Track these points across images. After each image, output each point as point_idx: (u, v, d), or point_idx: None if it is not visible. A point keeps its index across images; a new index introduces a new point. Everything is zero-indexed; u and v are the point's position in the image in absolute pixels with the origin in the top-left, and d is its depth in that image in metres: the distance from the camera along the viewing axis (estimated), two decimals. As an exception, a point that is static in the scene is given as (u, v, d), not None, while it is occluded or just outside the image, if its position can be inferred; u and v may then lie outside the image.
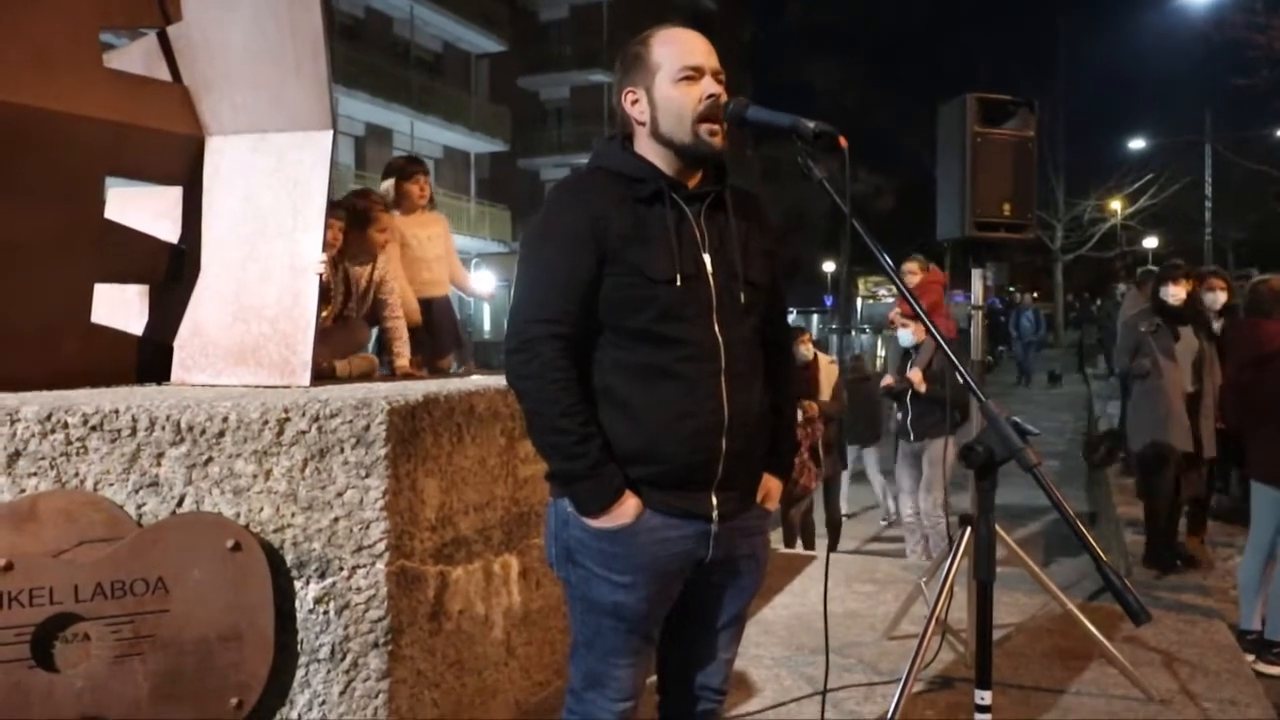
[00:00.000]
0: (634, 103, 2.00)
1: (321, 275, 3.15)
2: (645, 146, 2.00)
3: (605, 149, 2.05)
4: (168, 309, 3.36)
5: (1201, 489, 6.27)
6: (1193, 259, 12.03)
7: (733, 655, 2.16)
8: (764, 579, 2.15)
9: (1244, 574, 4.90)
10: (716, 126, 1.95)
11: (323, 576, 2.68)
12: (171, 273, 3.36)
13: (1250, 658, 4.32)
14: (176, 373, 3.30)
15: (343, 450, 2.68)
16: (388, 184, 4.65)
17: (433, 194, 4.76)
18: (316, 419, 2.66)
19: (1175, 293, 5.76)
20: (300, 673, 2.68)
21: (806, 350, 6.69)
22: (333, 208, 3.44)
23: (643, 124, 1.99)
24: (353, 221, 3.85)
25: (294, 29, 3.18)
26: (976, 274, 3.58)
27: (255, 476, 2.64)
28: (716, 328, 1.93)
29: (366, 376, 3.71)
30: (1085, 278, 39.02)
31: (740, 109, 1.96)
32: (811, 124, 1.87)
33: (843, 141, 1.82)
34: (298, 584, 2.67)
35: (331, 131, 3.24)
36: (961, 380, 1.72)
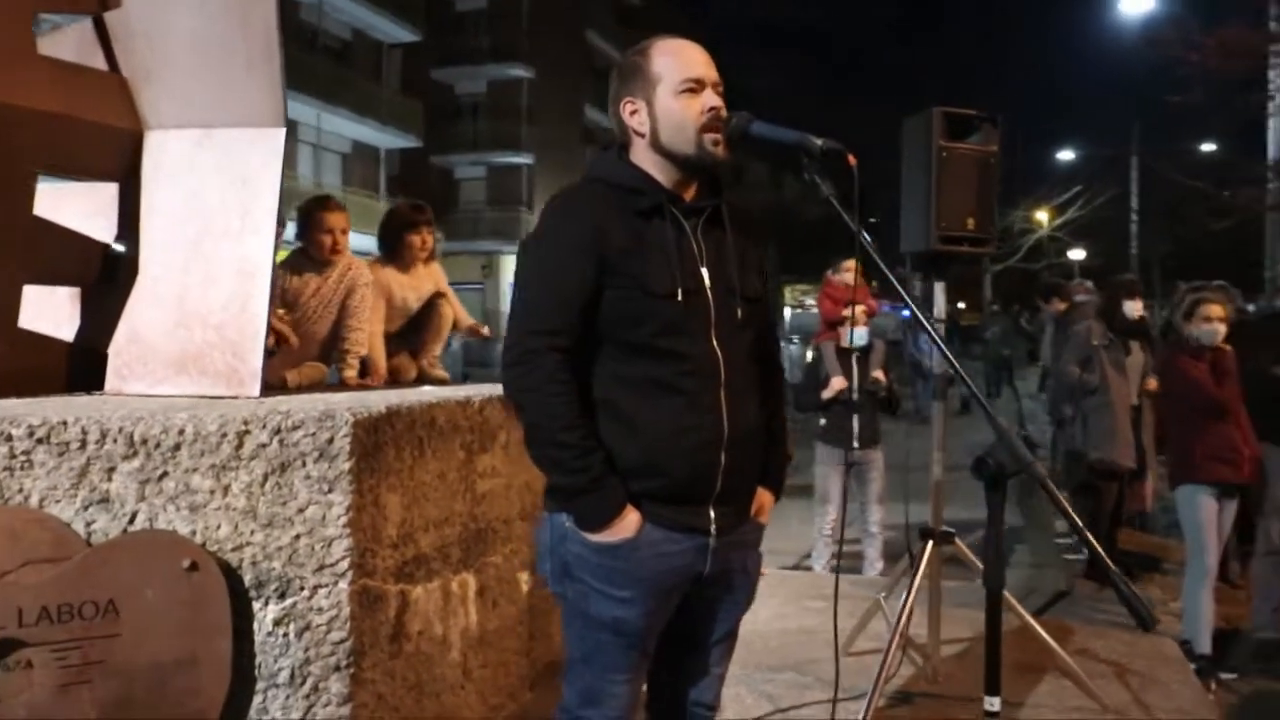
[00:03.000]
0: (633, 113, 2.06)
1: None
2: (643, 157, 2.06)
3: (602, 160, 2.11)
4: (101, 313, 3.29)
5: (1145, 503, 6.58)
6: (1119, 271, 12.54)
7: (724, 671, 2.23)
8: (755, 594, 2.23)
9: (1188, 592, 5.15)
10: (719, 136, 2.02)
11: (283, 597, 2.67)
12: (106, 275, 3.30)
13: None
14: (111, 381, 3.24)
15: (305, 464, 2.67)
16: None
17: (435, 247, 4.49)
18: (278, 431, 2.66)
19: (1134, 308, 6.04)
20: (258, 699, 2.66)
21: None
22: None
23: (642, 135, 2.06)
24: (300, 228, 3.83)
25: (246, 19, 3.16)
26: (939, 286, 3.73)
27: (213, 492, 2.62)
28: (715, 343, 2.01)
29: (316, 386, 3.69)
30: (1013, 289, 40.31)
31: (744, 124, 2.04)
32: (819, 141, 1.96)
33: (851, 160, 1.91)
34: (256, 605, 2.66)
35: (284, 129, 3.23)
36: (969, 390, 1.83)
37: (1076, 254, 32.03)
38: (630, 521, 1.95)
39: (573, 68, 38.12)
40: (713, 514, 2.02)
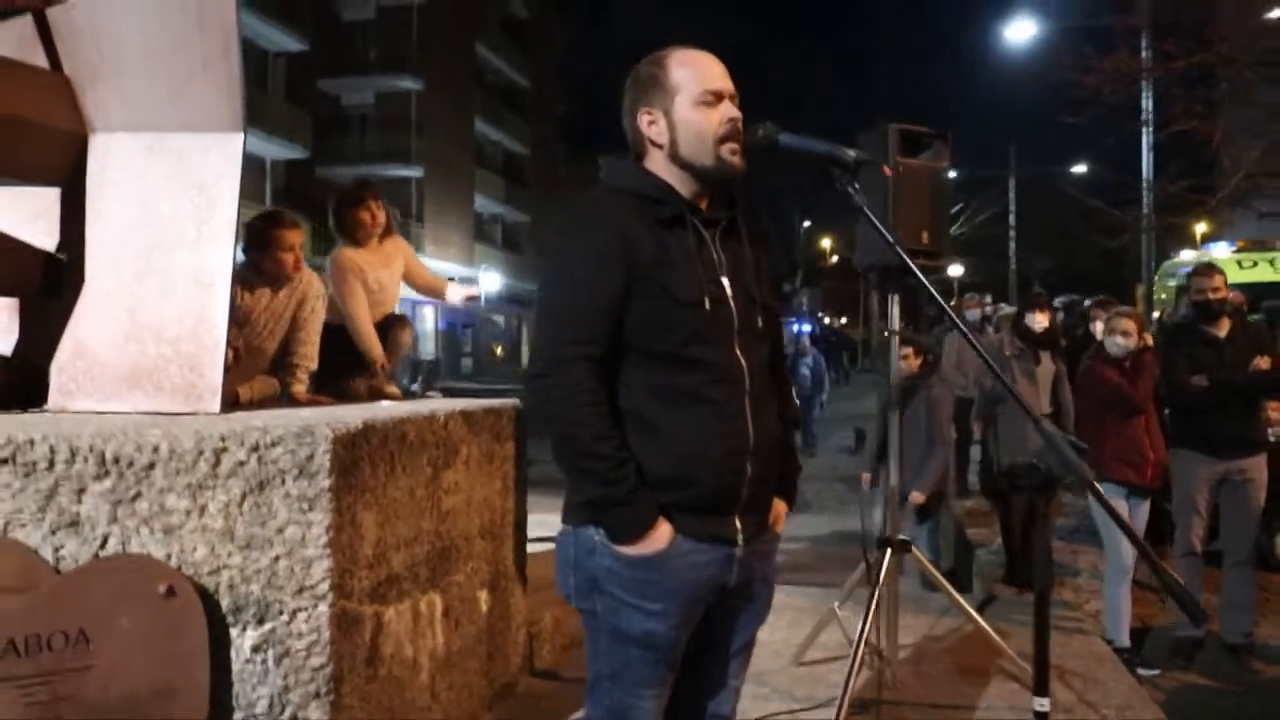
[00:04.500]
0: (651, 124, 2.05)
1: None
2: (661, 167, 2.05)
3: (621, 169, 2.09)
4: (42, 325, 3.10)
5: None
6: (998, 286, 13.09)
7: (741, 683, 2.22)
8: (771, 604, 2.23)
9: (1108, 590, 5.37)
10: (737, 147, 2.03)
11: (261, 621, 2.56)
12: (47, 284, 3.12)
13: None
14: (54, 398, 3.06)
15: (284, 482, 2.57)
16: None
17: (390, 218, 4.47)
18: (256, 448, 2.55)
19: (1039, 320, 6.30)
20: (236, 729, 2.54)
21: None
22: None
23: (660, 146, 2.05)
24: (254, 245, 3.70)
25: (202, 19, 3.03)
26: (894, 300, 3.81)
27: (189, 513, 2.49)
28: (739, 351, 2.01)
29: (269, 402, 3.55)
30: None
31: (772, 134, 2.05)
32: (852, 153, 1.98)
33: (886, 170, 1.94)
34: (234, 631, 2.53)
35: (242, 134, 3.11)
36: (1017, 401, 1.88)
37: (955, 270, 33.26)
38: (663, 533, 1.93)
39: (462, 80, 37.83)
40: (739, 524, 2.02)
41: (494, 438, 3.79)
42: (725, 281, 2.02)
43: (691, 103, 2.02)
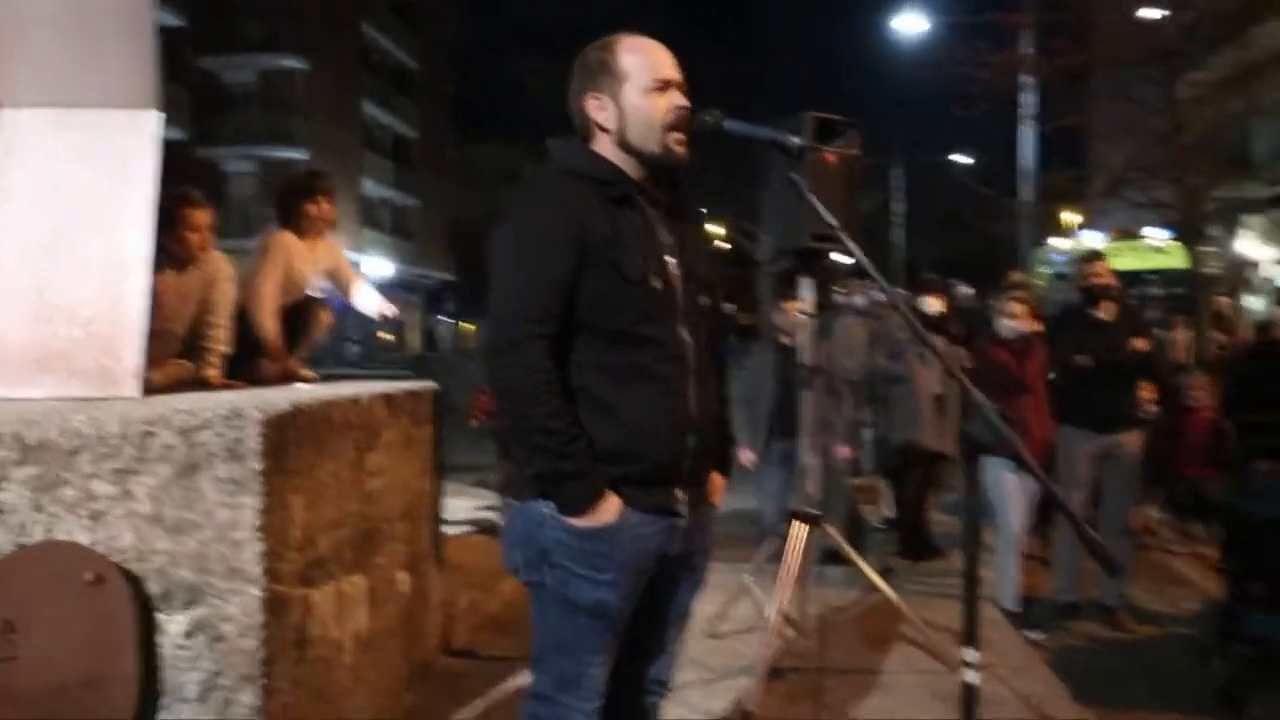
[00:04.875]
0: (599, 109, 2.10)
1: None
2: (608, 151, 2.11)
3: (571, 151, 2.13)
4: (-57, 308, 2.99)
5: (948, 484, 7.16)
6: (884, 272, 13.55)
7: (678, 650, 2.31)
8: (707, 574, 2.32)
9: (998, 558, 5.65)
10: (683, 136, 2.10)
11: (191, 607, 2.54)
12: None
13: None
14: (-43, 383, 2.95)
15: (213, 465, 2.55)
16: None
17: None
18: (184, 432, 2.52)
19: (932, 303, 6.56)
20: (164, 715, 2.51)
21: None
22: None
23: (608, 130, 2.10)
24: (160, 224, 3.60)
25: (113, -7, 2.96)
26: (807, 283, 3.95)
27: (115, 498, 2.45)
28: (683, 330, 2.09)
29: (181, 385, 3.48)
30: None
31: (717, 120, 2.13)
32: (795, 139, 2.07)
33: (829, 157, 2.03)
34: (163, 617, 2.51)
35: (158, 112, 3.05)
36: (954, 378, 2.00)
37: (840, 256, 34.02)
38: (612, 506, 1.99)
39: (348, 61, 36.96)
40: (682, 496, 2.10)
41: (412, 421, 3.80)
42: (671, 261, 2.09)
43: (641, 90, 2.08)
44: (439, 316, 48.11)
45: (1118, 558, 5.45)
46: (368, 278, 5.06)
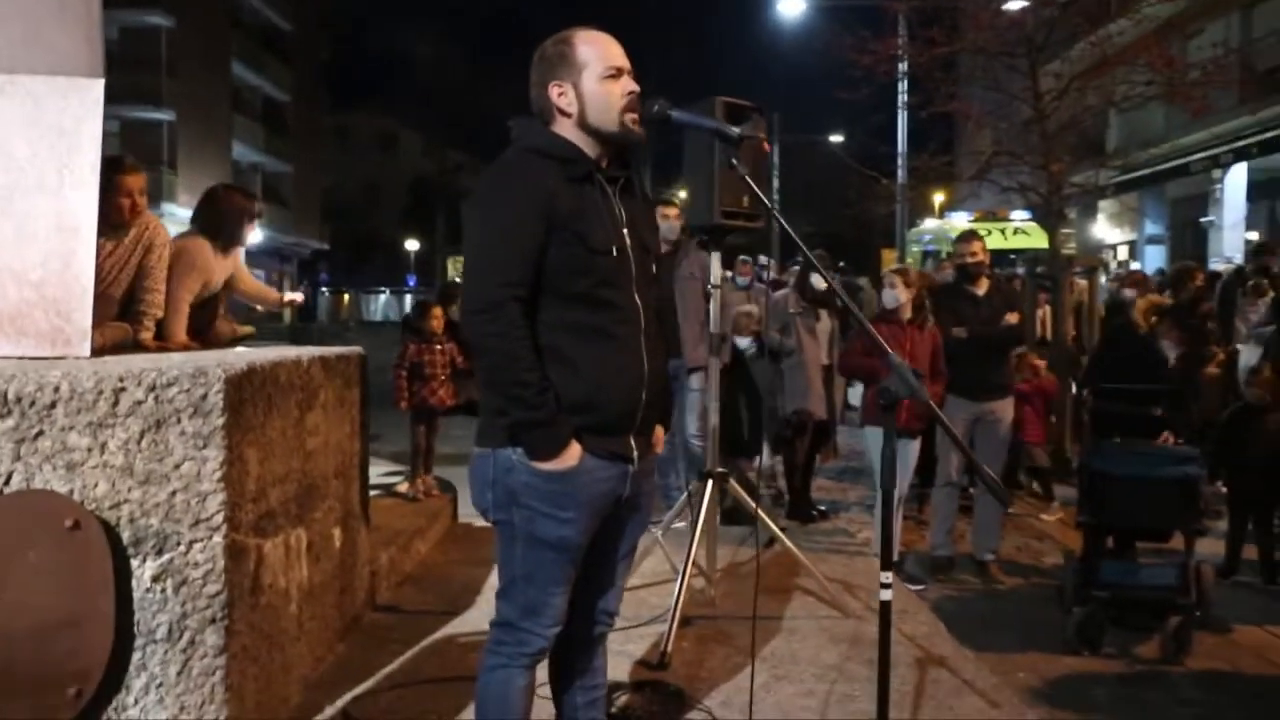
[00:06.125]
0: (561, 95, 2.35)
1: None
2: (570, 132, 2.36)
3: (535, 131, 2.37)
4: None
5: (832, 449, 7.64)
6: (761, 248, 14.03)
7: (625, 583, 2.59)
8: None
9: (876, 516, 6.11)
10: (637, 116, 2.36)
11: (160, 553, 2.70)
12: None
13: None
14: (-96, 342, 3.01)
15: (180, 420, 2.70)
16: None
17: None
18: (153, 388, 2.67)
19: (819, 280, 6.98)
20: (137, 655, 2.67)
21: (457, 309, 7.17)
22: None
23: (569, 114, 2.35)
24: (103, 190, 3.65)
25: (61, -39, 3.04)
26: (715, 256, 4.27)
27: (90, 450, 2.59)
28: (636, 295, 2.36)
29: (120, 348, 3.57)
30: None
31: (664, 109, 2.40)
32: (735, 129, 2.36)
33: (766, 146, 2.32)
34: (134, 562, 2.66)
35: (103, 80, 3.14)
36: (864, 330, 2.31)
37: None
38: (575, 451, 2.25)
39: (218, 19, 35.67)
40: (633, 444, 2.38)
41: (345, 383, 3.97)
42: (625, 233, 2.36)
43: (598, 77, 2.33)
44: (314, 287, 46.95)
45: (988, 518, 6.02)
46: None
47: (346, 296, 59.69)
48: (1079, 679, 4.49)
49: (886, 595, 2.36)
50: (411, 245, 57.04)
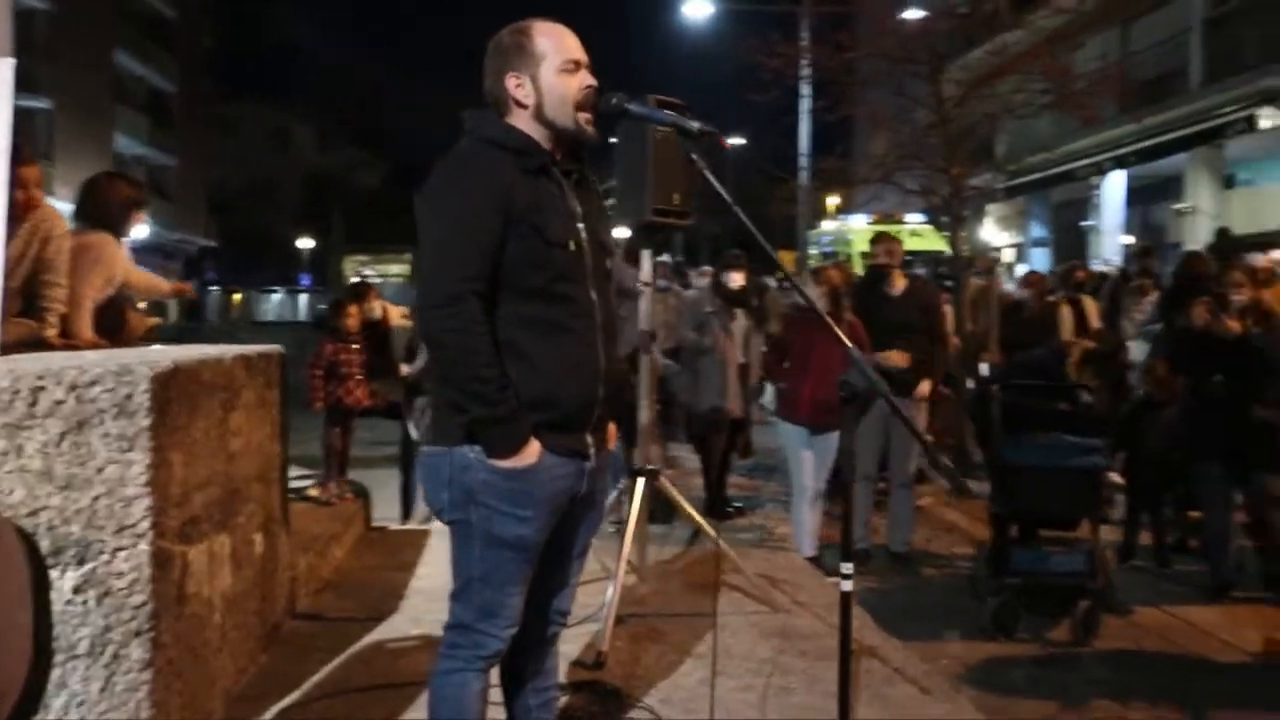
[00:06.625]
0: (518, 86, 2.29)
1: None
2: (525, 124, 2.29)
3: (490, 122, 2.30)
4: None
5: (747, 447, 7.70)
6: (668, 249, 14.16)
7: (578, 582, 2.54)
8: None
9: (794, 511, 6.18)
10: (590, 115, 2.32)
11: (82, 562, 2.53)
12: None
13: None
14: None
15: (103, 422, 2.55)
16: None
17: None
18: (74, 387, 2.51)
19: (735, 279, 7.02)
20: (57, 672, 2.50)
21: (376, 307, 6.99)
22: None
23: (525, 106, 2.29)
24: None
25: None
26: (646, 253, 4.24)
27: (5, 454, 2.42)
28: (592, 290, 2.31)
29: (26, 345, 3.36)
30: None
31: (621, 102, 2.35)
32: (695, 124, 2.33)
33: (724, 142, 2.29)
34: (54, 573, 2.49)
35: (13, 60, 2.96)
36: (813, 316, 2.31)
37: (622, 232, 34.75)
38: (534, 448, 2.19)
39: (100, 4, 34.18)
40: (589, 440, 2.33)
41: (266, 383, 3.82)
42: (580, 227, 2.31)
43: (555, 70, 2.28)
44: (202, 285, 45.41)
45: (902, 511, 6.15)
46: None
47: (238, 296, 57.81)
48: (998, 663, 4.62)
49: (847, 586, 2.36)
50: (305, 244, 55.57)
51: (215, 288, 51.15)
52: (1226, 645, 4.90)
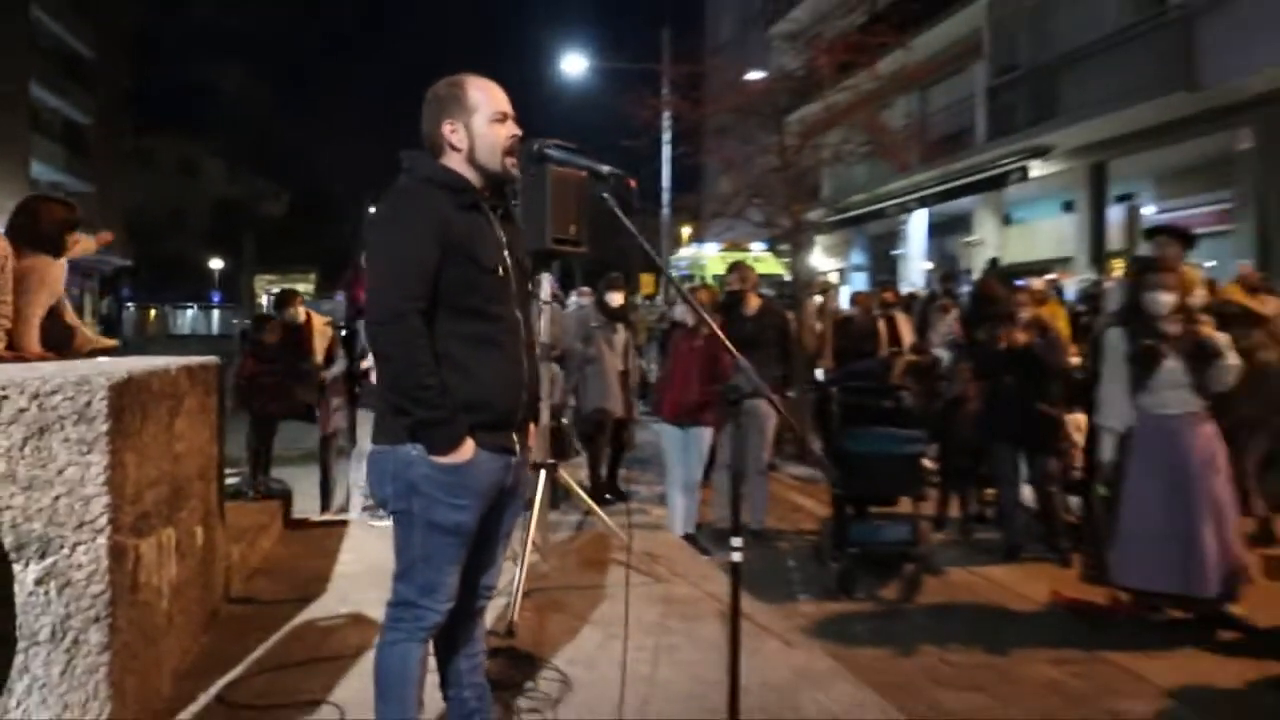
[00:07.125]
0: (453, 132, 2.28)
1: None
2: (459, 165, 2.29)
3: (426, 164, 2.28)
4: None
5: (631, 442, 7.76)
6: (547, 270, 14.15)
7: (503, 560, 2.53)
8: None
9: (669, 497, 6.25)
10: (515, 160, 2.33)
11: (44, 556, 2.40)
12: None
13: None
14: None
15: (64, 427, 2.42)
16: None
17: None
18: (36, 396, 2.37)
19: (615, 298, 7.08)
20: (19, 658, 2.37)
21: (299, 312, 6.76)
22: None
23: (459, 150, 2.29)
24: None
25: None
26: (547, 277, 4.25)
27: (-30, 458, 2.26)
28: (516, 309, 2.32)
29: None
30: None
31: (544, 148, 2.36)
32: (605, 167, 2.36)
33: (631, 182, 2.34)
34: (17, 567, 2.35)
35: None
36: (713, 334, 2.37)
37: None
38: (469, 446, 2.18)
39: (17, 42, 31.89)
40: (515, 438, 2.33)
41: (205, 390, 3.66)
42: (506, 255, 2.31)
43: (487, 120, 2.28)
44: (118, 302, 42.84)
45: (758, 494, 6.31)
46: None
47: (153, 311, 54.81)
48: (843, 618, 4.78)
49: (737, 557, 2.42)
50: (216, 264, 53.19)
51: (131, 304, 48.32)
52: (1020, 597, 5.20)
